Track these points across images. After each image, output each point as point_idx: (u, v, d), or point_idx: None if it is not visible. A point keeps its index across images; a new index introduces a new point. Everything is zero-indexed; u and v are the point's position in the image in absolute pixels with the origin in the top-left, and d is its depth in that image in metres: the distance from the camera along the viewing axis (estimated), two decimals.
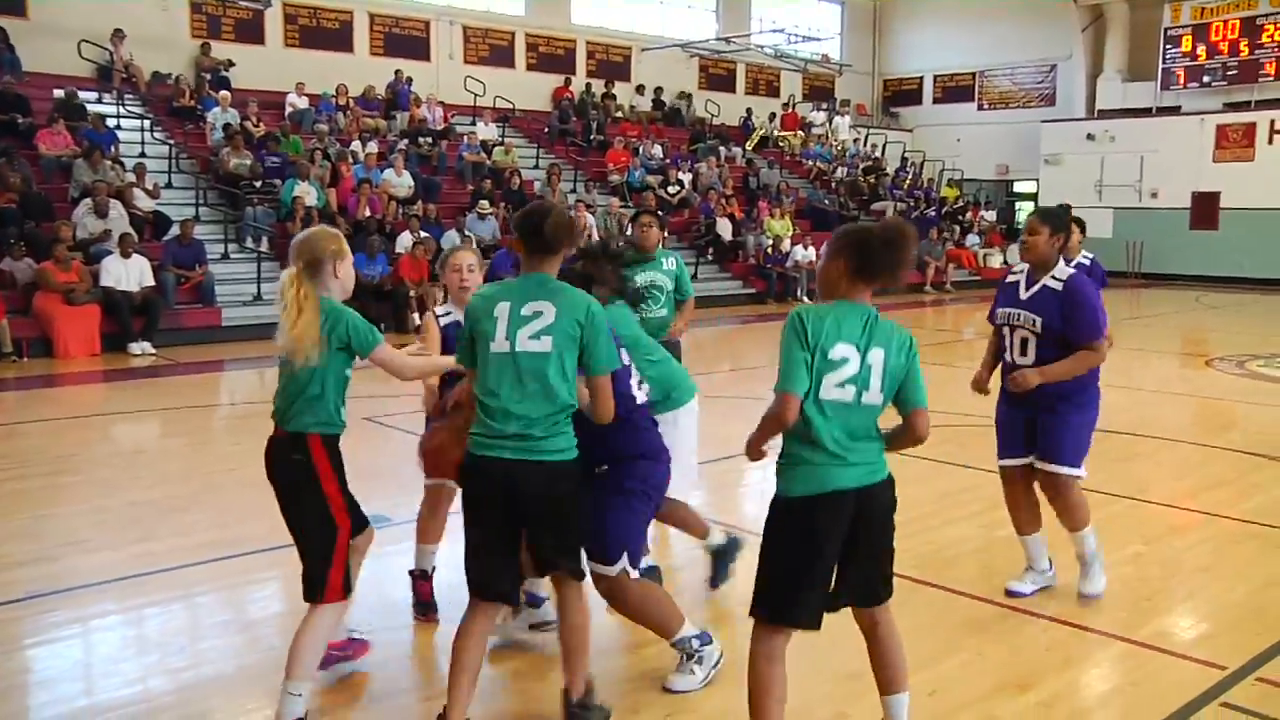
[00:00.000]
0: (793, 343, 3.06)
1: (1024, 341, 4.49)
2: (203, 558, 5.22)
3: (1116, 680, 4.05)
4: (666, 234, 4.89)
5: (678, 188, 20.81)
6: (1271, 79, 23.50)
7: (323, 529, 3.37)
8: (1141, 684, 3.94)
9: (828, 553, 3.11)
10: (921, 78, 30.44)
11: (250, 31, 19.51)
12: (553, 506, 3.28)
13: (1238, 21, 23.92)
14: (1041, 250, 4.48)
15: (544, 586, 4.05)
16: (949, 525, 5.81)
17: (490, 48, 22.86)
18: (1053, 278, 4.47)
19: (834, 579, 3.15)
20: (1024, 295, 4.51)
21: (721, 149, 23.63)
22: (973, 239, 24.30)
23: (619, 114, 23.75)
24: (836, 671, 3.80)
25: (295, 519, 3.42)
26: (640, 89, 25.08)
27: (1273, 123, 23.17)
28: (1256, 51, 23.68)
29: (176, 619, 4.58)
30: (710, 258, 19.72)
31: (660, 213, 9.53)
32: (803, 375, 3.04)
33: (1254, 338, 15.02)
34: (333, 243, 3.46)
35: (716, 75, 27.24)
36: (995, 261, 23.31)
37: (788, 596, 3.14)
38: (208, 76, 18.12)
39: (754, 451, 3.19)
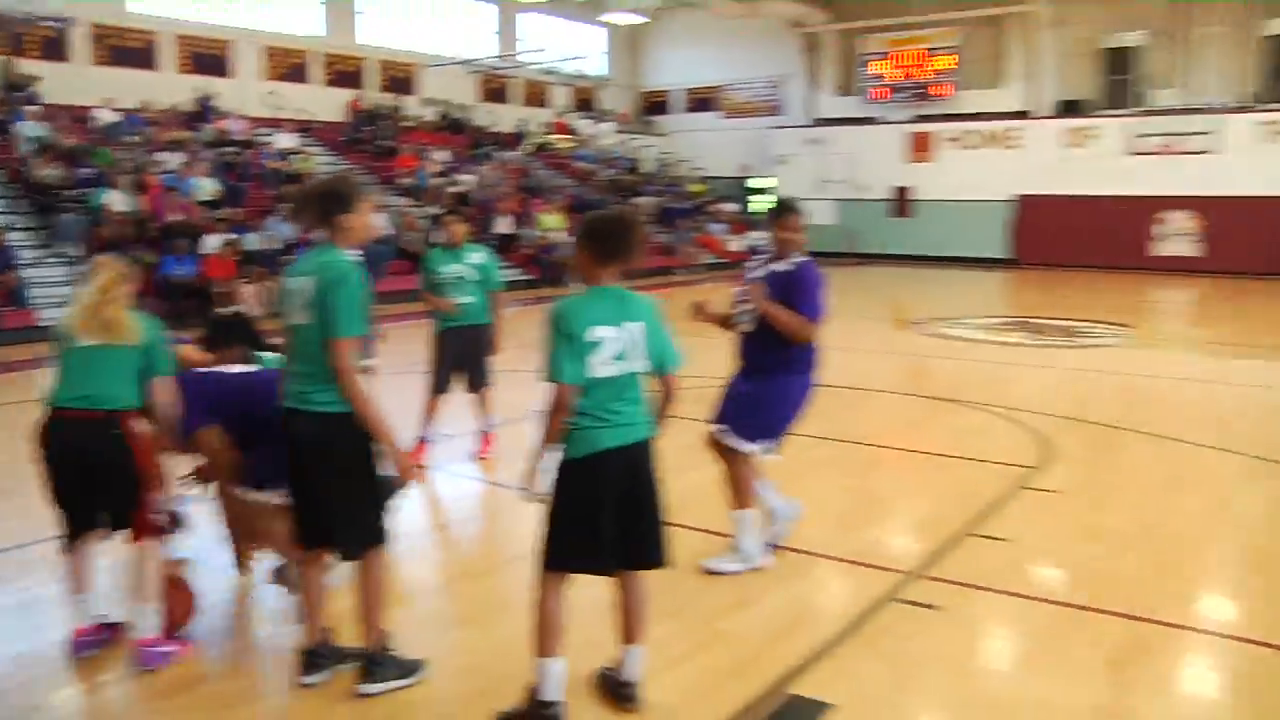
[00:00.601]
0: (555, 336, 3.37)
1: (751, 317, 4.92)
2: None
3: (816, 591, 5.06)
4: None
5: (462, 189, 23.35)
6: (942, 98, 28.83)
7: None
8: (838, 592, 5.05)
9: (604, 507, 3.44)
10: (673, 90, 34.49)
11: (55, 49, 20.63)
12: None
13: (916, 51, 29.14)
14: (792, 238, 4.93)
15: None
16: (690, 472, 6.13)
17: (289, 65, 25.04)
18: (788, 262, 4.94)
19: (613, 538, 3.47)
20: (758, 275, 4.95)
21: (500, 154, 26.62)
22: (717, 227, 28.29)
23: (407, 124, 26.34)
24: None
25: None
26: (426, 101, 27.79)
27: (942, 134, 28.49)
28: (930, 76, 28.97)
29: None
30: (495, 248, 22.41)
31: (463, 210, 10.90)
32: (569, 364, 3.35)
33: (942, 305, 18.61)
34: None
35: (494, 88, 30.17)
36: (736, 246, 26.72)
37: (570, 546, 3.49)
38: (16, 93, 18.93)
39: (551, 437, 3.45)
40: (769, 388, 4.93)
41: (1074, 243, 25.99)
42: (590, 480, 3.45)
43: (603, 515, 3.45)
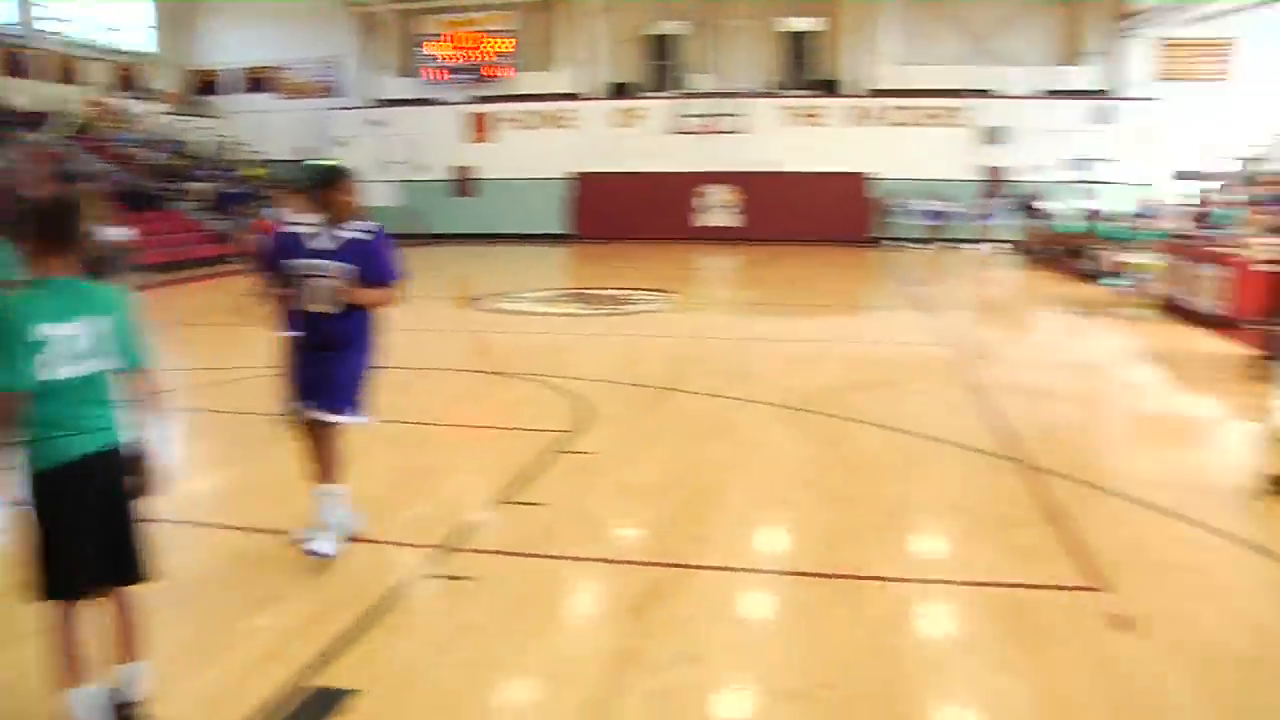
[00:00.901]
0: None
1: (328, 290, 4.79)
2: None
3: (346, 578, 4.80)
4: None
5: None
6: (501, 80, 29.44)
7: None
8: (369, 576, 4.82)
9: (80, 522, 3.21)
10: (228, 70, 32.43)
11: None
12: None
13: (472, 33, 29.53)
14: (349, 203, 4.91)
15: None
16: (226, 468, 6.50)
17: None
18: (359, 230, 4.89)
19: (96, 554, 3.26)
20: (327, 246, 4.82)
21: (32, 135, 23.76)
22: (272, 212, 27.03)
23: None
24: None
25: None
26: None
27: (501, 115, 29.12)
28: (487, 58, 29.49)
29: None
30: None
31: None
32: (8, 367, 3.06)
33: (502, 281, 18.79)
34: None
35: (19, 62, 26.85)
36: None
37: (56, 570, 3.21)
38: None
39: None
40: (350, 359, 4.91)
41: (627, 216, 27.74)
42: (60, 493, 3.20)
43: (80, 531, 3.23)
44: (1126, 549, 5.22)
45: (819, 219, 27.04)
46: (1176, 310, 13.79)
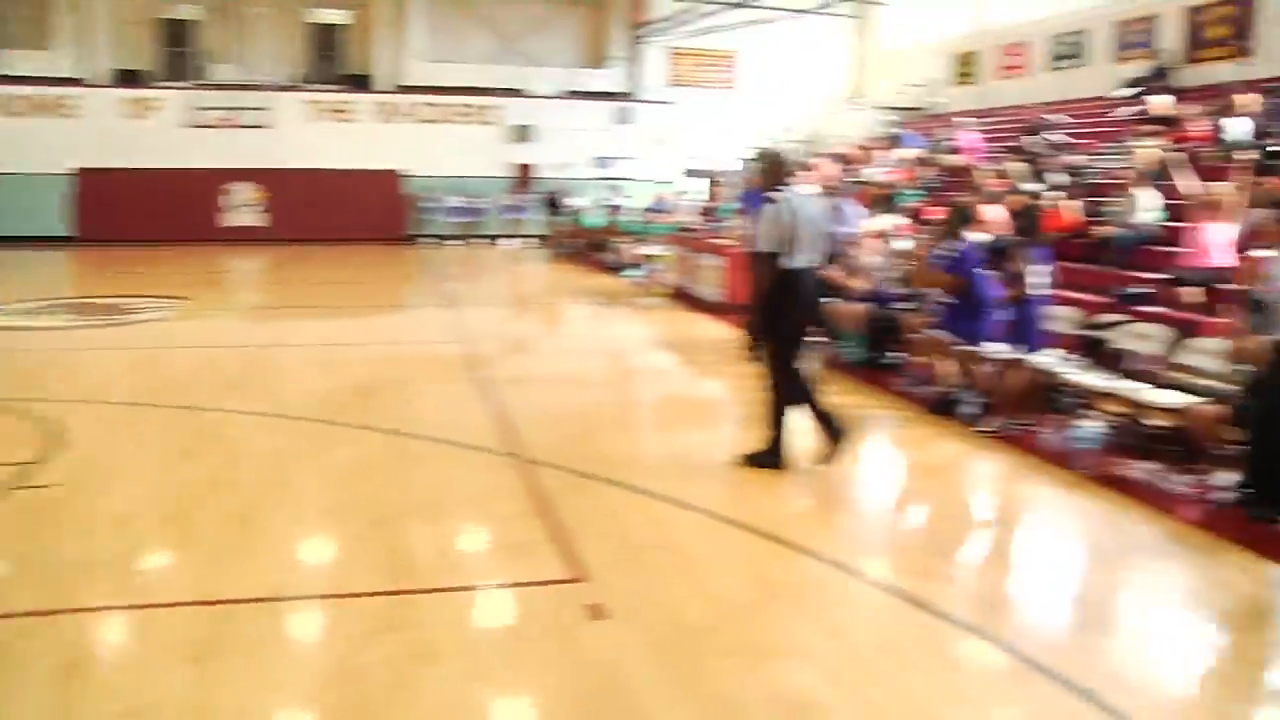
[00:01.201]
0: None
1: None
2: None
3: None
4: None
5: None
6: None
7: None
8: None
9: None
10: None
11: None
12: None
13: None
14: None
15: None
16: None
17: None
18: None
19: None
20: None
21: None
22: None
23: None
24: None
25: None
26: None
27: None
28: None
29: None
30: None
31: None
32: None
33: None
34: None
35: None
36: None
37: None
38: None
39: None
40: None
41: (141, 216, 25.12)
42: None
43: None
44: (610, 536, 5.38)
45: (352, 217, 26.26)
46: (684, 298, 14.89)
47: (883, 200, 11.63)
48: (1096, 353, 7.92)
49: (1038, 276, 7.49)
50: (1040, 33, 22.60)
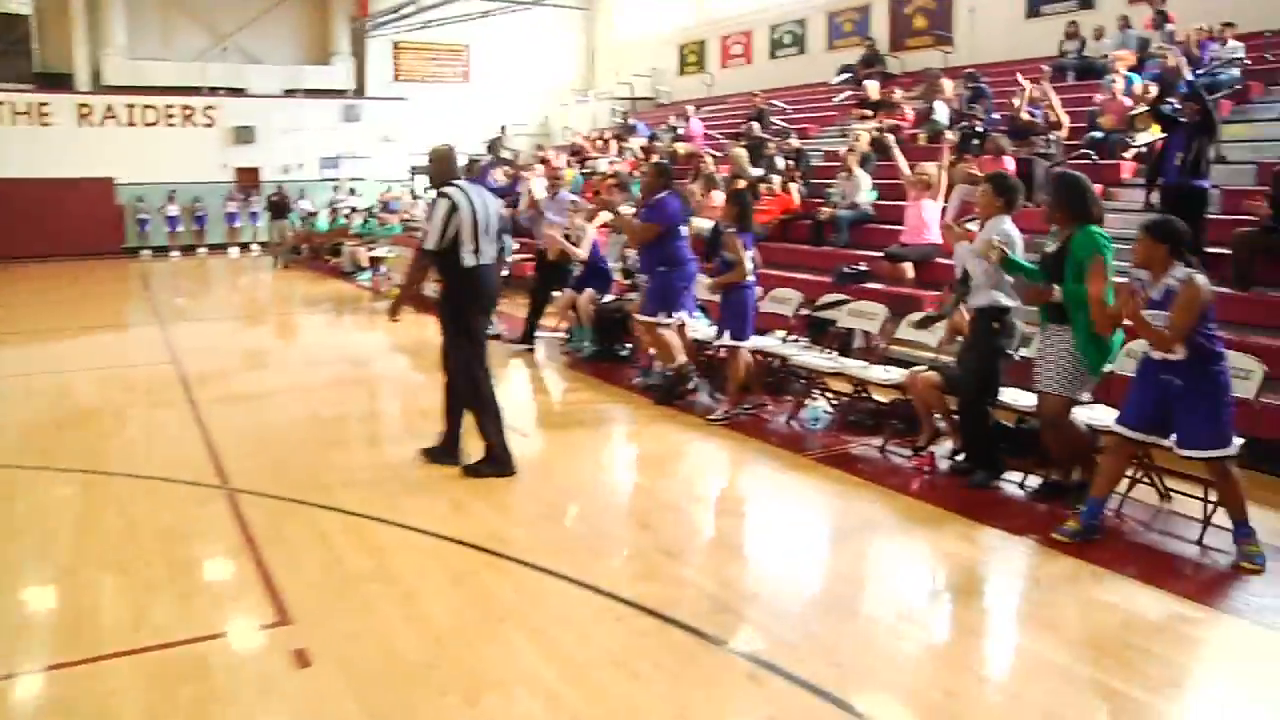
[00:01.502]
0: None
1: None
2: None
3: None
4: None
5: None
6: None
7: None
8: None
9: None
10: None
11: None
12: None
13: None
14: None
15: None
16: None
17: None
18: None
19: None
20: None
21: None
22: None
23: None
24: None
25: None
26: None
27: None
28: None
29: None
30: None
31: None
32: None
33: None
34: None
35: None
36: None
37: None
38: None
39: None
40: None
41: None
42: None
43: None
44: (323, 569, 4.82)
45: (58, 231, 23.68)
46: (416, 300, 14.18)
47: (616, 189, 11.39)
48: (821, 333, 7.96)
49: (752, 262, 7.42)
50: (761, 22, 23.26)
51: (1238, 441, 4.75)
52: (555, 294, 10.40)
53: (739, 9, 24.02)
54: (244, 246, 25.41)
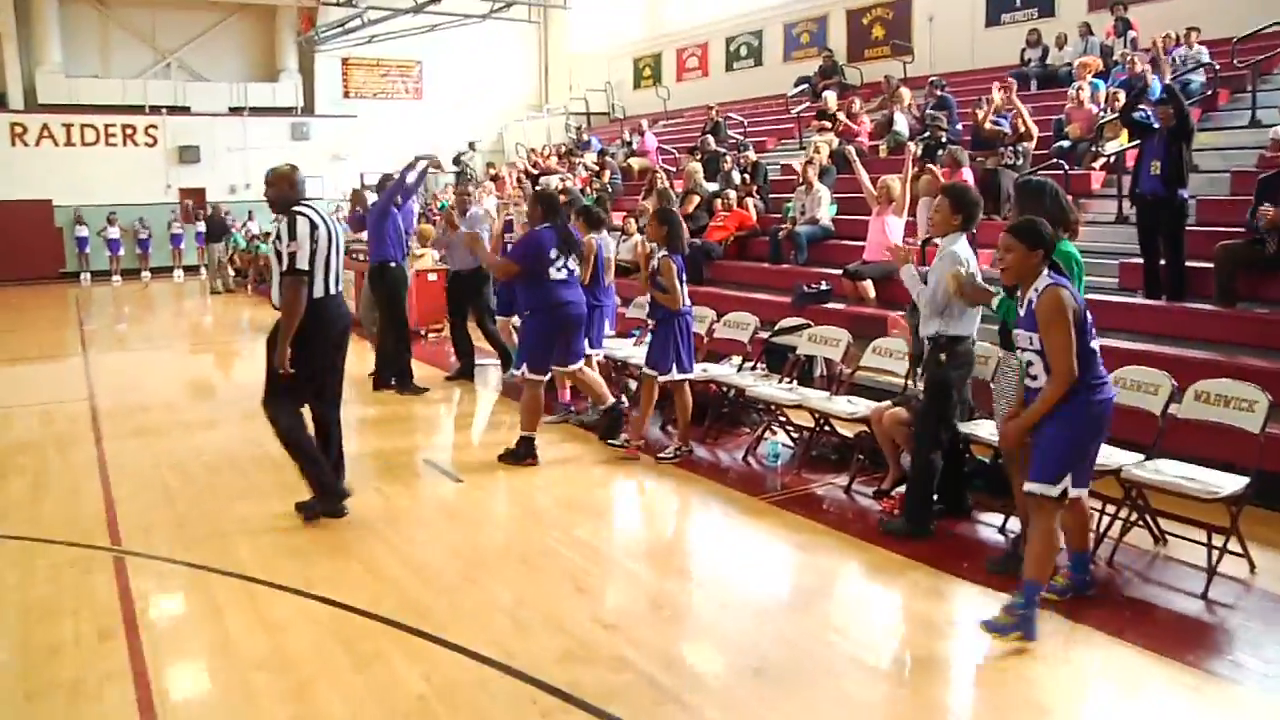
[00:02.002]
0: None
1: None
2: None
3: None
4: None
5: None
6: None
7: None
8: None
9: None
10: None
11: None
12: None
13: None
14: None
15: None
16: None
17: None
18: None
19: None
20: None
21: None
22: None
23: None
24: None
25: None
26: None
27: None
28: None
29: None
30: None
31: None
32: None
33: None
34: None
35: None
36: None
37: None
38: None
39: None
40: None
41: None
42: None
43: None
44: (213, 652, 4.21)
45: None
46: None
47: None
48: (781, 361, 7.36)
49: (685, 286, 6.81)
50: (717, 33, 22.81)
51: (1066, 485, 4.01)
52: (468, 314, 9.83)
53: (694, 21, 23.57)
54: (189, 269, 24.57)
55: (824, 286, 9.40)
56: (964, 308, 5.08)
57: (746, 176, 12.70)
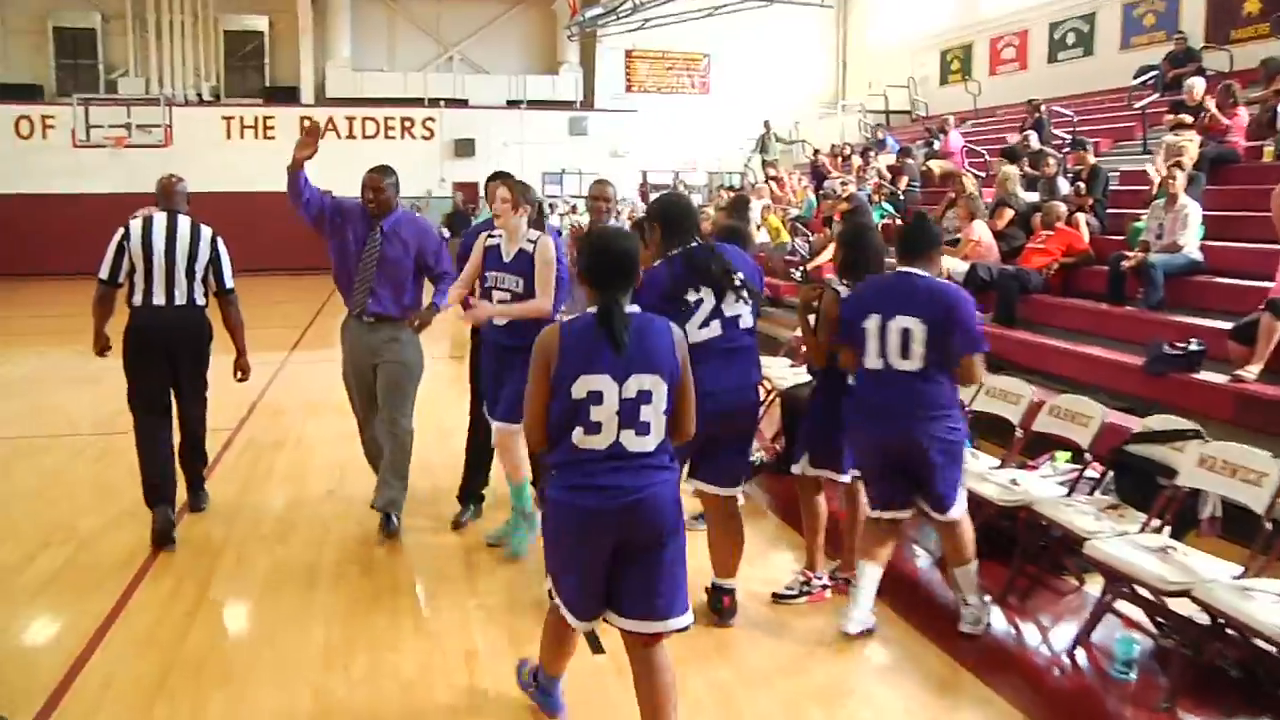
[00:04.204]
0: None
1: None
2: None
3: None
4: None
5: None
6: None
7: None
8: None
9: None
10: None
11: None
12: None
13: None
14: None
15: None
16: None
17: None
18: None
19: None
20: None
21: None
22: None
23: None
24: None
25: None
26: None
27: None
28: None
29: None
30: None
31: None
32: None
33: None
34: None
35: None
36: None
37: None
38: None
39: None
40: None
41: (40, 247, 22.19)
42: None
43: None
44: None
45: (276, 245, 22.99)
46: None
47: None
48: (1141, 482, 4.77)
49: None
50: (1039, 19, 19.73)
51: None
52: None
53: (1013, 5, 20.51)
54: None
55: (1194, 346, 6.64)
56: None
57: (1081, 185, 9.95)
